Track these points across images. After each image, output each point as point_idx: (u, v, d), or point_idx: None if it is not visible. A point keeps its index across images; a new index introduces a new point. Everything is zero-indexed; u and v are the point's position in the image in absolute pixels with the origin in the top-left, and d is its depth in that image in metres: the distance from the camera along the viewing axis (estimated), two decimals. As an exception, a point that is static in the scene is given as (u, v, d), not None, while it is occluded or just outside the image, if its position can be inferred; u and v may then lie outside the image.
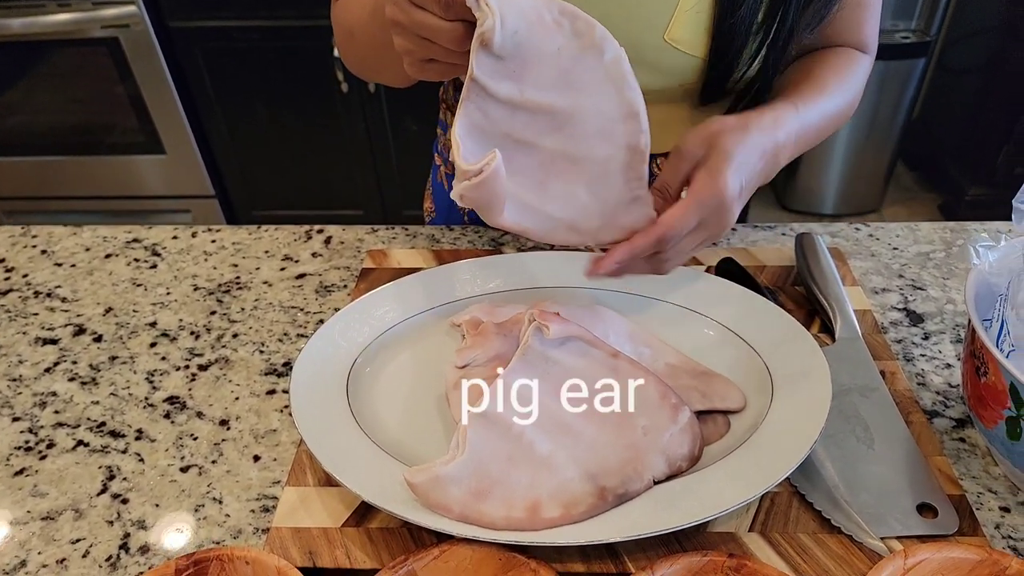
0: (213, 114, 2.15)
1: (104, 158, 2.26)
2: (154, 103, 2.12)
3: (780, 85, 0.71)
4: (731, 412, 0.58)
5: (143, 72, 2.06)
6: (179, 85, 2.08)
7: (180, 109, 2.12)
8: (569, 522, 0.49)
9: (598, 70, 0.50)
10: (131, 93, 2.10)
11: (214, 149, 2.24)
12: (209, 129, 2.19)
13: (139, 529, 0.57)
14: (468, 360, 0.58)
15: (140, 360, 0.73)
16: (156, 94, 2.09)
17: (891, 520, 0.51)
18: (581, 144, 0.52)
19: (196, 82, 2.09)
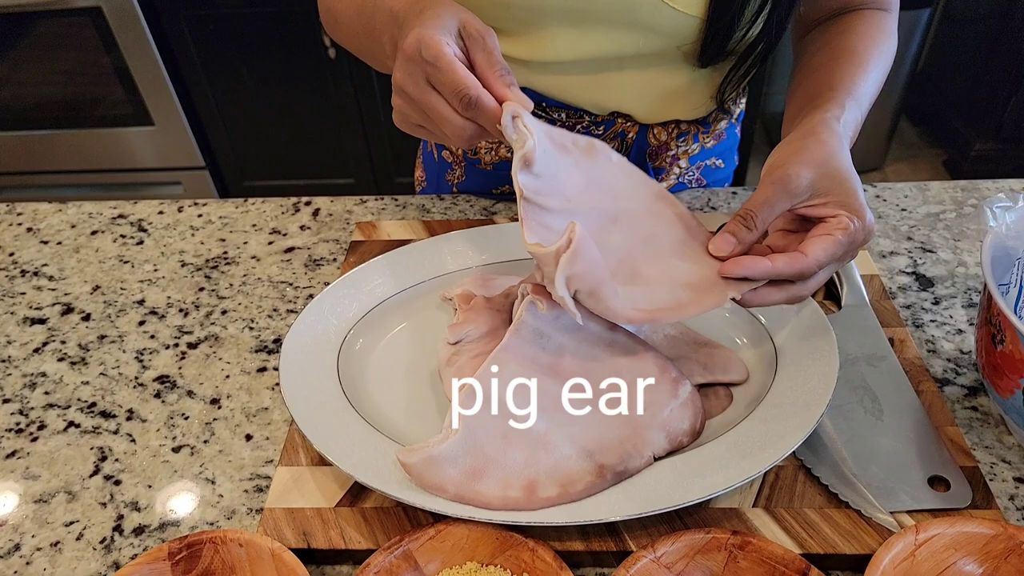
0: (200, 83, 2.11)
1: (92, 131, 2.23)
2: (140, 73, 2.07)
3: (814, 65, 0.66)
4: (733, 384, 0.56)
5: (127, 41, 2.01)
6: (164, 54, 2.04)
7: (167, 79, 2.08)
8: (567, 501, 0.48)
9: (613, 169, 0.55)
10: (116, 64, 2.05)
11: (203, 119, 2.20)
12: (197, 99, 2.15)
13: (132, 511, 0.56)
14: (460, 336, 0.56)
15: (129, 339, 0.71)
16: (141, 64, 2.05)
17: (901, 494, 0.50)
18: (642, 228, 0.53)
19: (182, 51, 2.05)
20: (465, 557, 0.49)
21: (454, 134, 0.51)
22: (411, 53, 0.50)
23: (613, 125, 0.76)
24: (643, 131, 0.77)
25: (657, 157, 0.80)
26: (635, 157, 0.79)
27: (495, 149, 0.83)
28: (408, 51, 0.50)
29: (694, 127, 0.78)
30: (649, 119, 0.76)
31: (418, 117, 0.53)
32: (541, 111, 0.77)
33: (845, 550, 0.48)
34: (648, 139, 0.78)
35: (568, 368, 0.53)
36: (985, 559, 0.46)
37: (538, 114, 0.76)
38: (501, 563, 0.49)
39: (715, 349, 0.58)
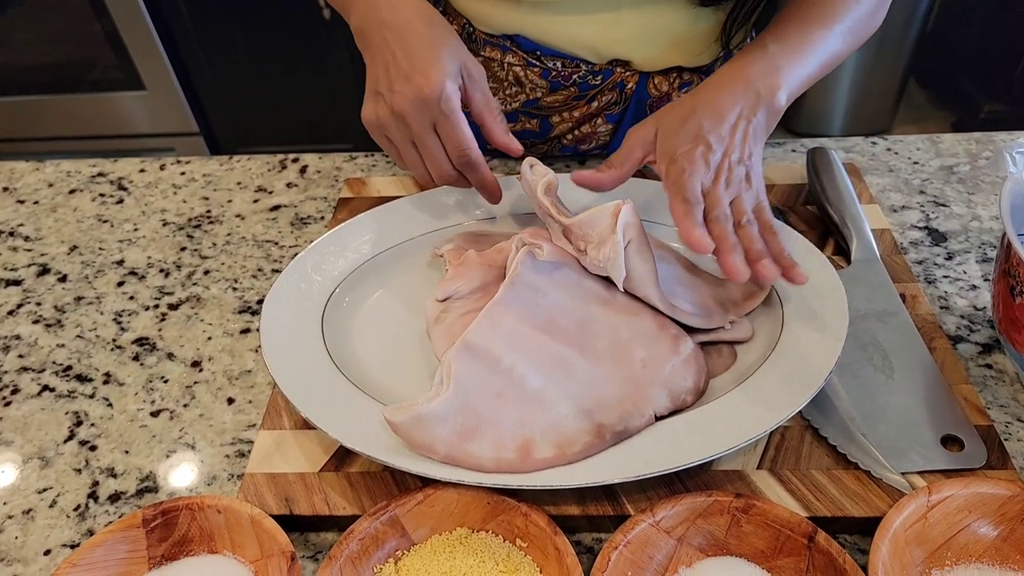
0: (192, 46, 2.06)
1: (83, 96, 2.17)
2: (130, 36, 2.02)
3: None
4: (738, 342, 0.54)
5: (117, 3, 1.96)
6: (155, 16, 1.98)
7: (157, 42, 2.02)
8: (563, 463, 0.45)
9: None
10: (106, 26, 2.00)
11: (195, 83, 2.15)
12: (189, 62, 2.09)
13: (108, 477, 0.54)
14: (450, 292, 0.53)
15: (107, 300, 0.68)
16: (132, 26, 1.99)
17: (913, 454, 0.47)
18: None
19: (173, 13, 1.99)
20: (455, 523, 0.47)
21: (437, 175, 0.59)
22: (430, 98, 0.55)
23: (611, 75, 0.73)
24: (643, 81, 0.73)
25: (657, 109, 0.77)
26: (635, 109, 0.75)
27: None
28: (427, 95, 0.55)
29: (697, 77, 0.75)
30: (649, 66, 0.72)
31: (401, 142, 0.58)
32: (536, 61, 0.73)
33: (853, 512, 0.45)
34: (648, 89, 0.74)
35: (564, 324, 0.50)
36: (1001, 521, 0.44)
37: (533, 64, 0.73)
38: (493, 529, 0.47)
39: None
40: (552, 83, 0.74)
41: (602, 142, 0.80)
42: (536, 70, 0.73)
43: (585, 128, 0.78)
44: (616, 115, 0.76)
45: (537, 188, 0.54)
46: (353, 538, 0.45)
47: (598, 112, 0.76)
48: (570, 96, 0.75)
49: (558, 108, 0.76)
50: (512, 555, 0.45)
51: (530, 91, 0.75)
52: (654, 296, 0.50)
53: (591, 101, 0.75)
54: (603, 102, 0.75)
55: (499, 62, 0.74)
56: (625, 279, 0.49)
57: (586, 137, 0.79)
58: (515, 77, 0.75)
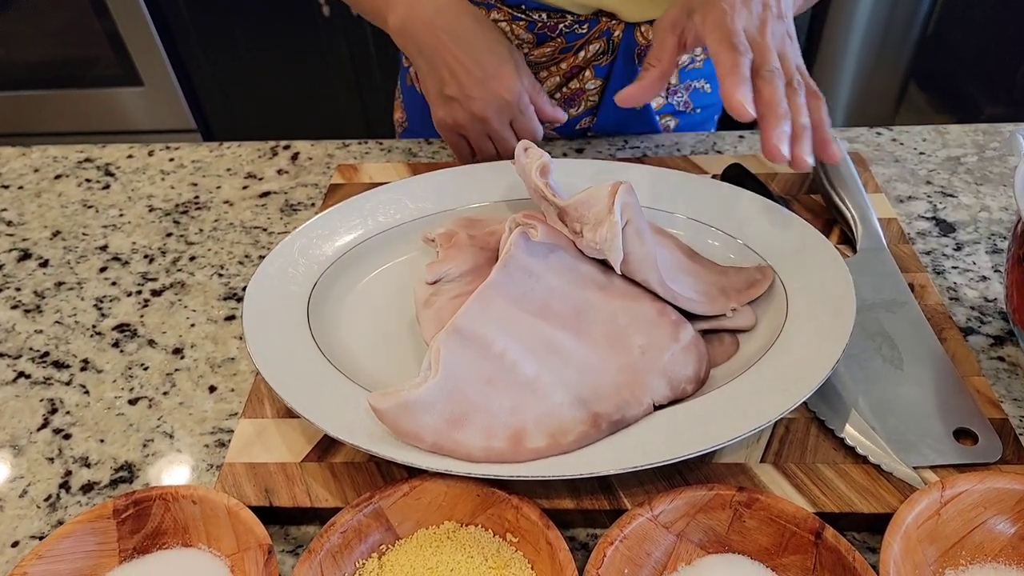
0: (190, 42, 2.04)
1: (80, 91, 2.16)
2: (128, 31, 2.00)
3: None
4: (740, 331, 0.51)
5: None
6: (153, 11, 1.97)
7: (155, 37, 2.01)
8: (557, 453, 0.43)
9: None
10: (104, 21, 1.98)
11: (193, 79, 2.13)
12: (187, 58, 2.08)
13: (82, 467, 0.52)
14: (440, 275, 0.51)
15: (88, 286, 0.66)
16: (130, 21, 1.98)
17: (924, 448, 0.45)
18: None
19: (171, 8, 1.98)
20: (443, 516, 0.45)
21: (506, 156, 0.67)
22: (511, 102, 0.63)
23: (597, 24, 0.71)
24: (629, 30, 0.72)
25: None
26: (623, 58, 0.74)
27: None
28: (508, 100, 0.62)
29: None
30: (636, 16, 0.71)
31: (478, 139, 0.66)
32: (521, 14, 0.72)
33: (862, 508, 0.43)
34: (636, 38, 0.72)
35: (559, 310, 0.48)
36: (1018, 518, 0.42)
37: (517, 17, 0.72)
38: (482, 523, 0.44)
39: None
40: (539, 35, 0.73)
41: (591, 103, 0.78)
42: (522, 23, 0.72)
43: (574, 84, 0.76)
44: (604, 67, 0.75)
45: (531, 170, 0.52)
46: (334, 531, 0.43)
47: (586, 64, 0.75)
48: (557, 48, 0.74)
49: (545, 63, 0.75)
50: (502, 550, 0.43)
51: (517, 47, 0.74)
52: (653, 280, 0.48)
53: (578, 52, 0.74)
54: (590, 52, 0.73)
55: None
56: (623, 262, 0.47)
57: (575, 95, 0.77)
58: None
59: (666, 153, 0.75)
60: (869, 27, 2.27)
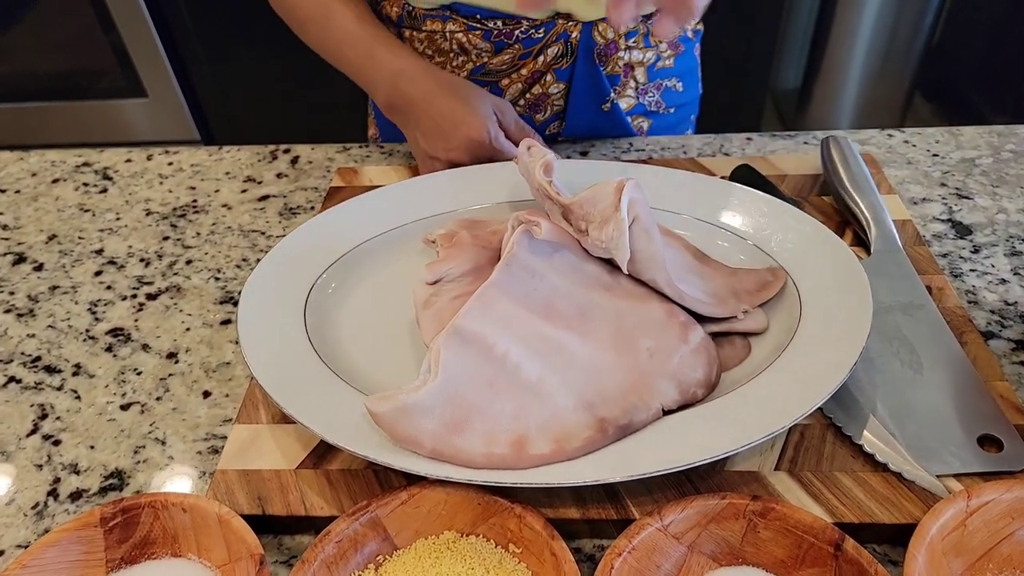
0: (195, 54, 2.04)
1: (84, 103, 2.16)
2: (133, 43, 2.01)
3: None
4: (751, 334, 0.50)
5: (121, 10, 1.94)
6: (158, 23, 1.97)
7: (160, 49, 2.01)
8: (562, 459, 0.41)
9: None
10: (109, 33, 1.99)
11: (197, 90, 2.13)
12: (191, 69, 2.08)
13: (71, 474, 0.50)
14: (440, 274, 0.49)
15: (83, 290, 0.65)
16: (135, 33, 1.99)
17: (947, 455, 0.43)
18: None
19: (176, 20, 1.98)
20: (442, 526, 0.43)
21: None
22: (481, 141, 0.63)
23: (554, 27, 0.71)
24: (587, 29, 0.72)
25: (607, 59, 0.75)
26: (583, 59, 0.73)
27: None
28: (476, 139, 0.63)
29: (642, 25, 0.74)
30: (590, 15, 0.71)
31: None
32: (477, 24, 0.72)
33: (883, 519, 0.41)
34: (594, 37, 0.72)
35: (564, 311, 0.46)
36: (1049, 529, 0.40)
37: (474, 27, 0.72)
38: (483, 533, 0.43)
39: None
40: (496, 43, 0.72)
41: (557, 109, 0.78)
42: (478, 33, 0.72)
43: (536, 90, 0.76)
44: (566, 70, 0.74)
45: (535, 168, 0.50)
46: (329, 540, 0.41)
47: (546, 68, 0.74)
48: (516, 55, 0.73)
49: (506, 70, 0.75)
50: (504, 561, 0.41)
51: (476, 57, 0.74)
52: (661, 279, 0.46)
53: (537, 56, 0.73)
54: (550, 56, 0.73)
55: (441, 32, 0.73)
56: (629, 261, 0.45)
57: (539, 101, 0.77)
58: (459, 45, 0.74)
59: (672, 155, 0.74)
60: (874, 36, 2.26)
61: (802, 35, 2.07)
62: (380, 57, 0.68)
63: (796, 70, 2.12)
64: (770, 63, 2.08)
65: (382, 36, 0.69)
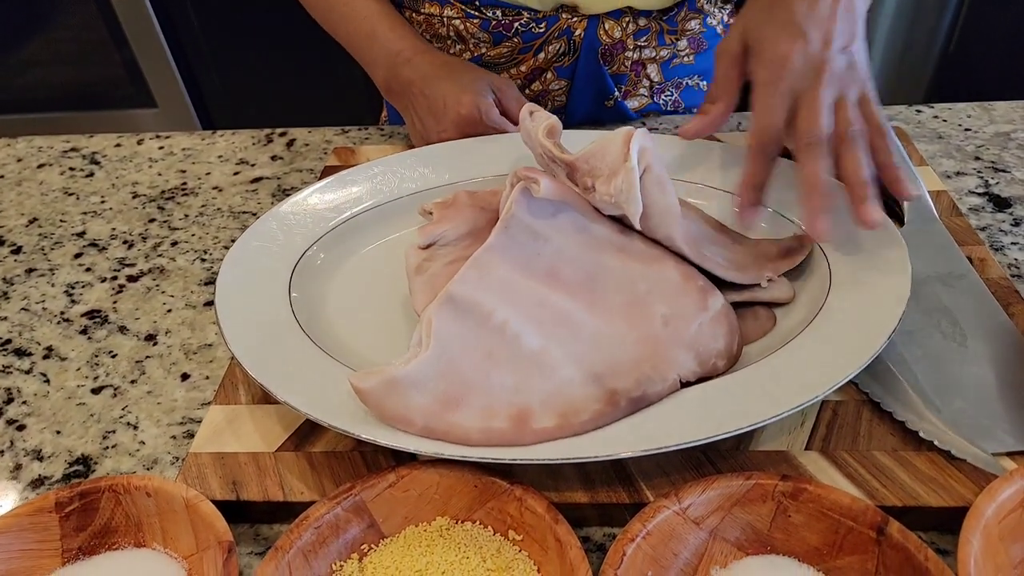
0: (203, 63, 2.04)
1: (94, 113, 2.16)
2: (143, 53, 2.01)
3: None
4: (776, 304, 0.45)
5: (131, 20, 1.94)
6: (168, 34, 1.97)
7: (170, 59, 2.01)
8: (568, 434, 0.37)
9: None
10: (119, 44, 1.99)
11: (207, 100, 2.13)
12: (201, 79, 2.08)
13: (33, 460, 0.46)
14: (434, 237, 0.45)
15: (61, 272, 0.61)
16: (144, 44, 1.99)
17: (999, 432, 0.38)
18: None
19: (185, 30, 1.98)
20: (435, 511, 0.38)
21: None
22: (471, 116, 0.60)
23: (557, 21, 0.67)
24: (592, 27, 0.67)
25: (613, 59, 0.70)
26: (586, 59, 0.69)
27: None
28: (466, 115, 0.60)
29: (655, 23, 0.69)
30: (597, 7, 0.66)
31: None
32: (475, 12, 0.68)
33: (930, 502, 0.36)
34: (599, 36, 0.68)
35: (569, 276, 0.42)
36: (1123, 513, 0.35)
37: (472, 15, 0.68)
38: (480, 519, 0.38)
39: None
40: (494, 34, 0.69)
41: (558, 104, 0.74)
42: (475, 21, 0.68)
43: (536, 86, 0.72)
44: (567, 68, 0.70)
45: (538, 132, 0.46)
46: (307, 526, 0.36)
47: (547, 66, 0.70)
48: (515, 48, 0.69)
49: (504, 63, 0.71)
50: (503, 550, 0.37)
51: (473, 47, 0.71)
52: (677, 236, 0.42)
53: (537, 52, 0.69)
54: (550, 53, 0.69)
55: (439, 17, 0.70)
56: (642, 216, 0.41)
57: (539, 97, 0.73)
58: (455, 32, 0.70)
59: (686, 134, 0.70)
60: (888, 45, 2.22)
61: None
62: (380, 36, 0.65)
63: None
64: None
65: (384, 13, 0.66)
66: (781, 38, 0.47)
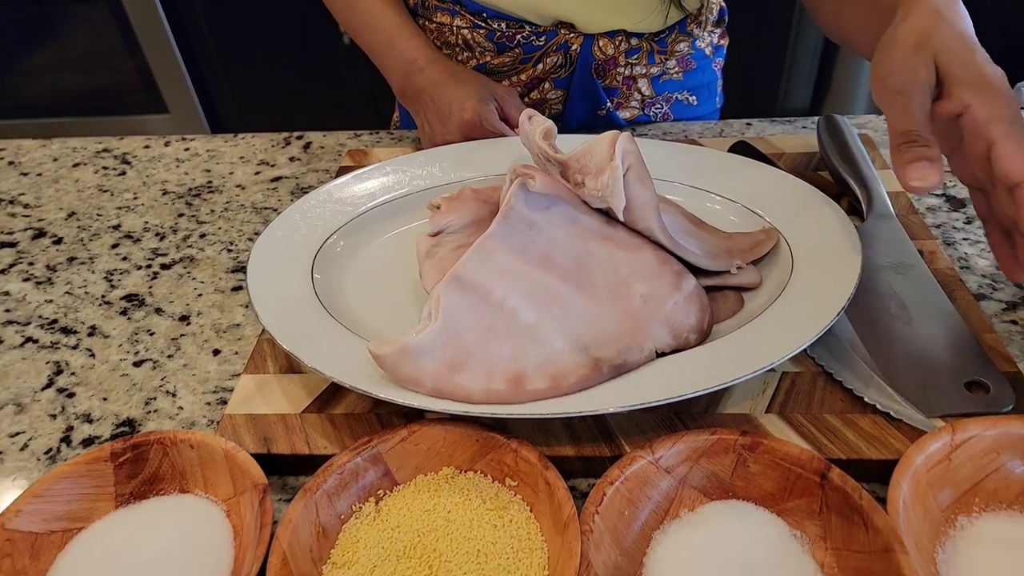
0: (214, 70, 2.10)
1: (105, 119, 2.22)
2: (155, 60, 2.07)
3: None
4: (744, 289, 0.51)
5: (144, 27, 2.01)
6: (180, 41, 2.03)
7: (182, 65, 2.07)
8: (558, 395, 0.42)
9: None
10: (132, 50, 2.05)
11: (217, 106, 2.19)
12: (211, 85, 2.14)
13: (83, 422, 0.52)
14: (442, 226, 0.51)
15: (100, 260, 0.67)
16: (157, 50, 2.05)
17: (934, 398, 0.44)
18: None
19: (197, 37, 2.04)
20: (441, 462, 0.44)
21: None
22: (473, 121, 0.66)
23: (555, 36, 0.74)
24: (587, 43, 0.74)
25: (606, 74, 0.77)
26: (581, 73, 0.75)
27: None
28: (468, 120, 0.66)
29: (646, 43, 0.75)
30: (592, 27, 0.73)
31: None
32: (482, 23, 0.75)
33: (871, 455, 0.42)
34: (593, 52, 0.74)
35: (560, 262, 0.48)
36: (1034, 464, 0.40)
37: (479, 26, 0.75)
38: (481, 469, 0.44)
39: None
40: (498, 44, 0.75)
41: (555, 111, 0.80)
42: (482, 31, 0.75)
43: (535, 94, 0.79)
44: (564, 79, 0.77)
45: (535, 135, 0.52)
46: (331, 472, 0.42)
47: (545, 76, 0.77)
48: (516, 58, 0.76)
49: (506, 72, 0.77)
50: (501, 494, 0.42)
51: (479, 55, 0.77)
52: (655, 226, 0.47)
53: (536, 63, 0.76)
54: (548, 65, 0.76)
55: (449, 26, 0.77)
56: (625, 209, 0.47)
57: (537, 105, 0.79)
58: (463, 40, 0.76)
59: (672, 139, 0.76)
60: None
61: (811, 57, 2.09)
62: (397, 46, 0.72)
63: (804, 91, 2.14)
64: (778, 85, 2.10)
65: (402, 24, 0.72)
66: (999, 70, 0.44)
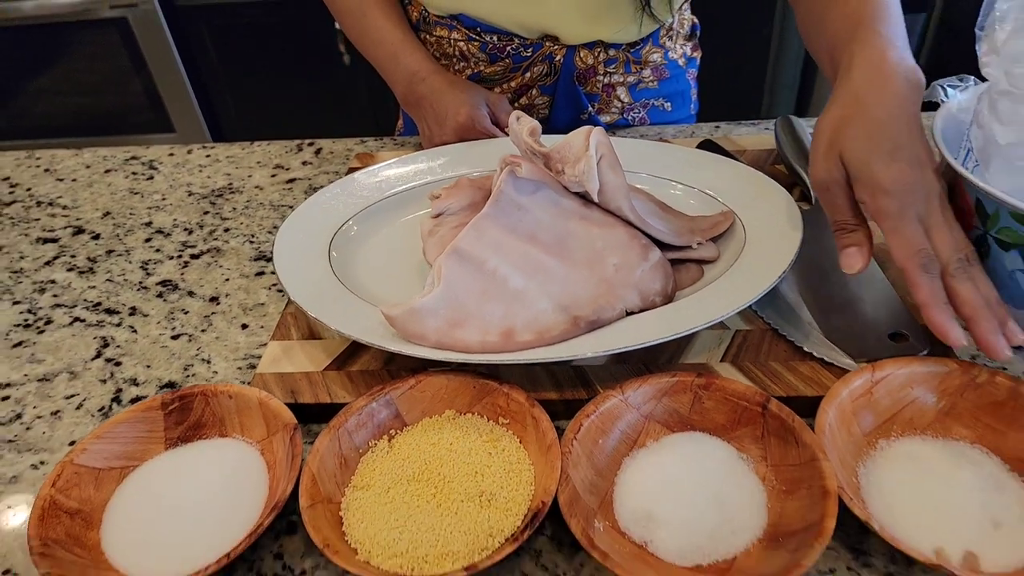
0: (221, 91, 2.18)
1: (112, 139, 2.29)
2: (162, 81, 2.14)
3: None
4: (704, 262, 0.59)
5: (151, 49, 2.09)
6: (187, 63, 2.11)
7: (188, 86, 2.15)
8: (542, 345, 0.50)
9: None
10: (140, 71, 2.13)
11: (223, 126, 2.27)
12: (217, 105, 2.22)
13: (131, 385, 0.59)
14: (442, 209, 0.59)
15: (135, 252, 0.75)
16: (164, 72, 2.12)
17: (863, 345, 0.52)
18: None
19: (203, 59, 2.12)
20: (444, 406, 0.52)
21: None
22: (465, 125, 0.75)
23: (541, 48, 0.83)
24: (570, 54, 0.83)
25: (587, 81, 0.86)
26: (564, 80, 0.85)
27: None
28: (461, 123, 0.75)
29: (623, 54, 0.84)
30: (574, 39, 0.82)
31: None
32: (476, 36, 0.83)
33: (806, 392, 0.49)
34: (575, 62, 0.83)
35: (544, 238, 0.55)
36: (942, 395, 0.48)
37: (474, 39, 0.83)
38: (478, 411, 0.51)
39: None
40: (490, 55, 0.84)
41: (542, 115, 0.89)
42: (476, 44, 0.84)
43: (523, 100, 0.88)
44: (550, 87, 0.86)
45: (522, 133, 0.61)
46: (351, 413, 0.50)
47: (532, 83, 0.86)
48: (507, 68, 0.85)
49: (498, 80, 0.87)
50: (495, 430, 0.50)
51: (474, 64, 0.86)
52: (625, 206, 0.55)
53: (525, 72, 0.85)
54: (536, 73, 0.85)
55: (447, 39, 0.85)
56: (599, 192, 0.55)
57: (525, 110, 0.89)
58: (460, 52, 0.85)
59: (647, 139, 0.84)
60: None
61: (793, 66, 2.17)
62: (401, 59, 0.80)
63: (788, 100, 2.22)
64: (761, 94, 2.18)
65: (406, 39, 0.81)
66: (894, 166, 0.47)
